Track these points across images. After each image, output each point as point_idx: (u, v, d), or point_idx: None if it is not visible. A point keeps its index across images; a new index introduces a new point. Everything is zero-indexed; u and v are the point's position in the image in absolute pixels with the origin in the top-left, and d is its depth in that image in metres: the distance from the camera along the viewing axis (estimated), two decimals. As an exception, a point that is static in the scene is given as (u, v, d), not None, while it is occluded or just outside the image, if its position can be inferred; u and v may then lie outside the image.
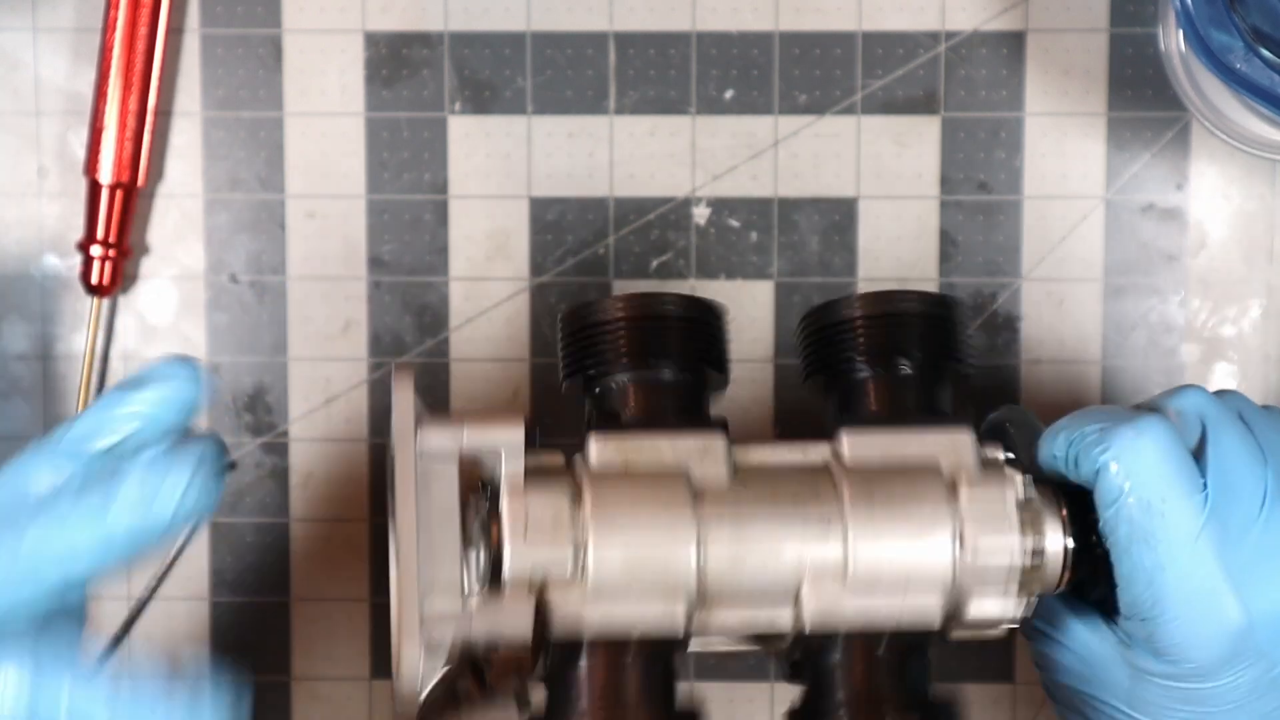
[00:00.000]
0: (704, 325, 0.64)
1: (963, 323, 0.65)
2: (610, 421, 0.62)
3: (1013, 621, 0.61)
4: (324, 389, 0.77)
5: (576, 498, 0.59)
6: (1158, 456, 0.57)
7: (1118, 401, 0.76)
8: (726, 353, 0.65)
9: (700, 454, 0.60)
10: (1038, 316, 0.76)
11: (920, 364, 0.64)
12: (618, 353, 0.63)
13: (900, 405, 0.63)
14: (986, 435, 0.65)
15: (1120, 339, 0.76)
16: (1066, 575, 0.61)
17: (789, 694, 0.77)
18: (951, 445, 0.61)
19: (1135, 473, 0.57)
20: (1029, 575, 0.60)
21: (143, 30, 0.75)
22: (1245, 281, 0.76)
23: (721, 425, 0.62)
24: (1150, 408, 0.61)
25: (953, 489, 0.60)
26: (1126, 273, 0.76)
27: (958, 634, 0.61)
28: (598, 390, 0.64)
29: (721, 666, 0.77)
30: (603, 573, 0.58)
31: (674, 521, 0.58)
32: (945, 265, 0.76)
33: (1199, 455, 0.58)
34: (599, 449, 0.60)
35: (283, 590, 0.78)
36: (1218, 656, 0.57)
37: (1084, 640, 0.61)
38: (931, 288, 0.76)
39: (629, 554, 0.58)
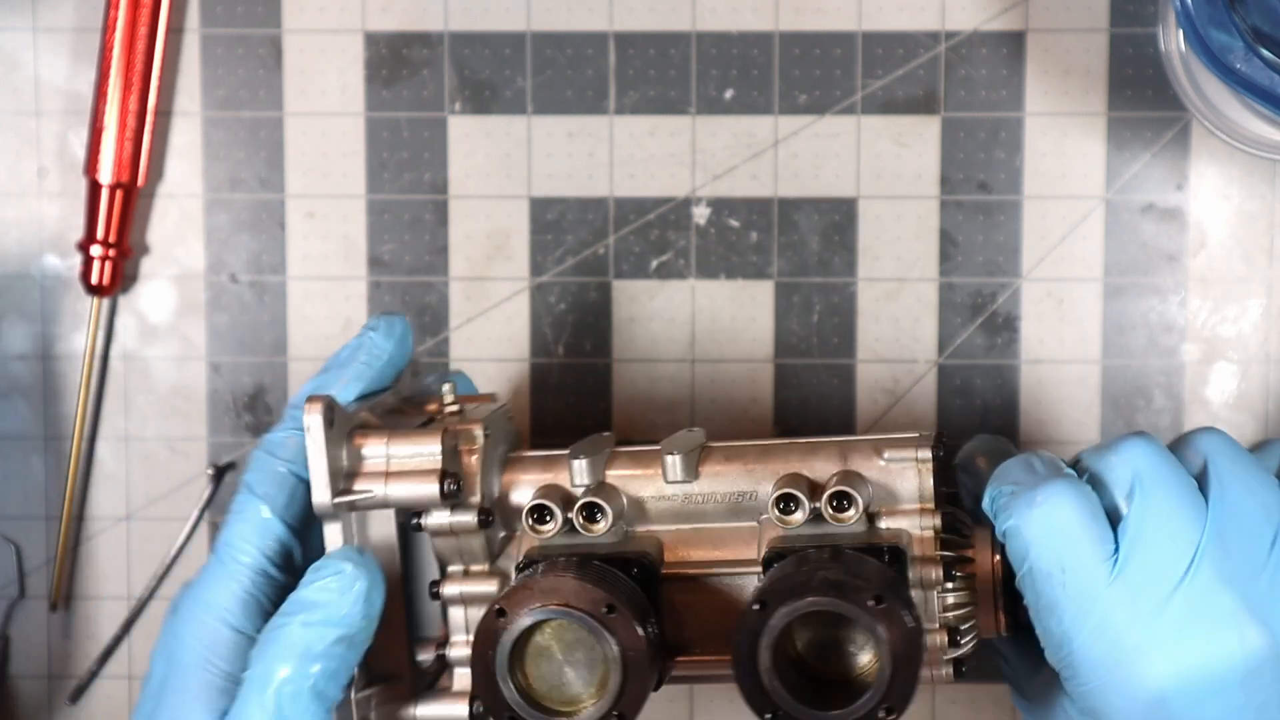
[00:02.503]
0: None
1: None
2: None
3: (952, 661, 0.60)
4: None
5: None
6: (1056, 526, 0.56)
7: (1117, 401, 0.76)
8: None
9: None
10: (1038, 316, 0.76)
11: None
12: None
13: None
14: (959, 468, 0.65)
15: (1120, 339, 0.76)
16: (1002, 619, 0.61)
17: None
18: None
19: (1034, 541, 0.56)
20: (965, 614, 0.60)
21: (143, 30, 0.75)
22: (1245, 281, 0.76)
23: None
24: (1081, 463, 0.59)
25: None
26: (1126, 273, 0.76)
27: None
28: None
29: (721, 666, 0.77)
30: None
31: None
32: (945, 265, 0.76)
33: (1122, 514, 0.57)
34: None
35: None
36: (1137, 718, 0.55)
37: (1036, 679, 0.62)
38: (932, 288, 0.76)
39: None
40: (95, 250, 0.75)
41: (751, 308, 0.76)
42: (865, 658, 0.58)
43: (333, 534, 0.59)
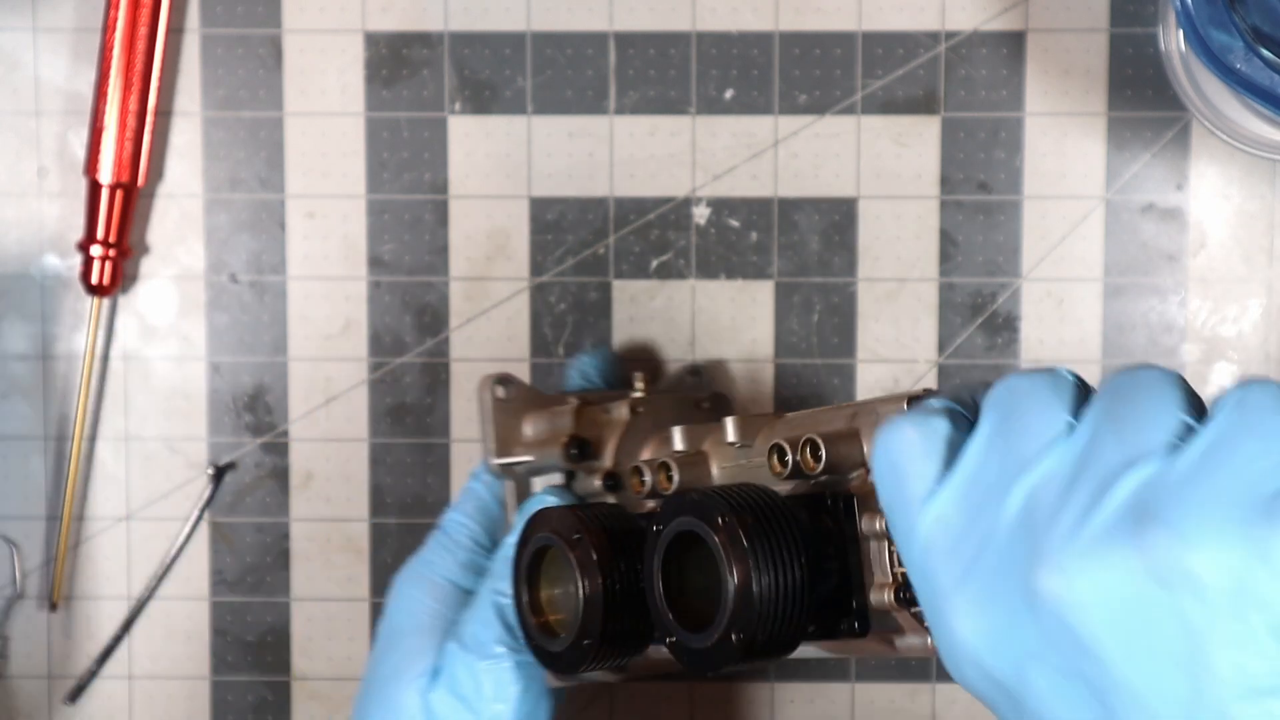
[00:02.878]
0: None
1: None
2: None
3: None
4: (324, 389, 0.77)
5: None
6: (890, 460, 0.51)
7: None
8: None
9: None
10: (1038, 316, 0.76)
11: None
12: None
13: None
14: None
15: (1120, 339, 0.76)
16: None
17: (789, 694, 0.78)
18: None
19: (878, 478, 0.51)
20: None
21: (143, 30, 0.75)
22: (1245, 281, 0.76)
23: None
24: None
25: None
26: (1126, 273, 0.76)
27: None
28: None
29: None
30: None
31: None
32: (945, 265, 0.76)
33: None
34: None
35: (283, 590, 0.78)
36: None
37: None
38: (932, 288, 0.76)
39: None
40: (95, 250, 0.75)
41: (751, 308, 0.76)
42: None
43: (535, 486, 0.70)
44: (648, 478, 0.64)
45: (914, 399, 0.59)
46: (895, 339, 0.76)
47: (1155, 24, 0.75)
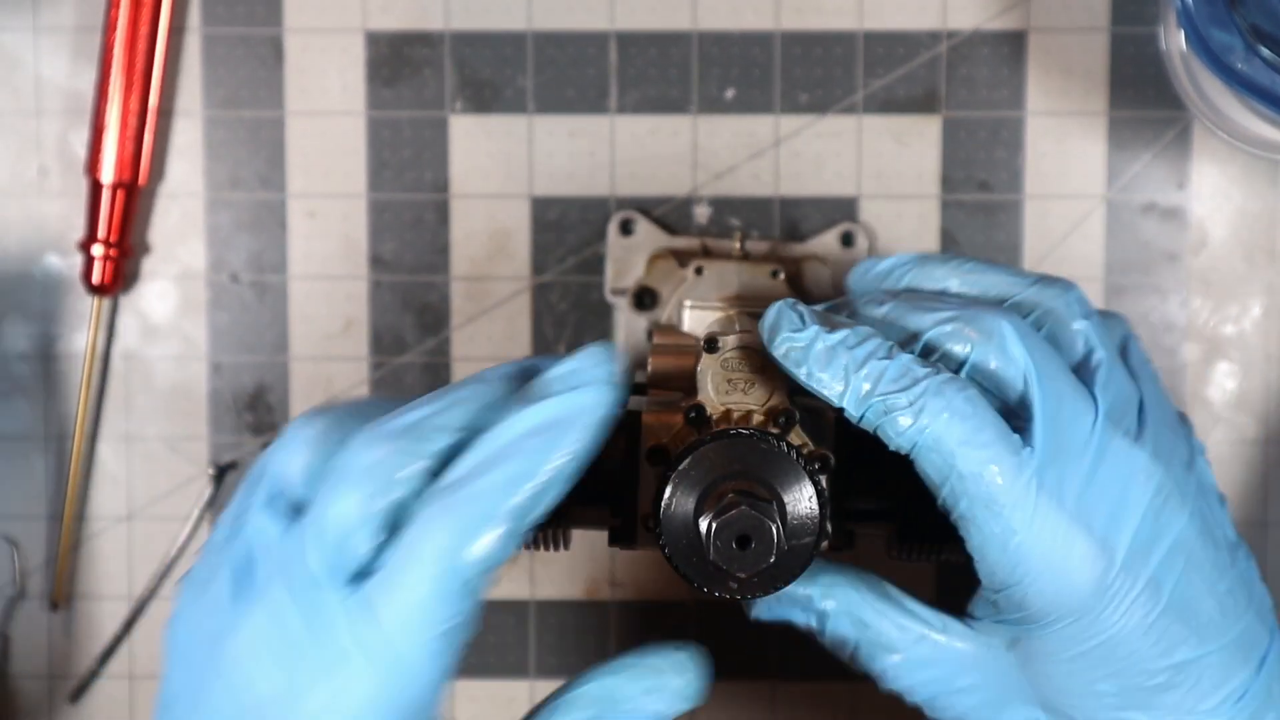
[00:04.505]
0: None
1: None
2: None
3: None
4: (325, 388, 0.77)
5: None
6: (972, 426, 0.55)
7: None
8: None
9: None
10: (1039, 316, 0.76)
11: None
12: None
13: None
14: None
15: (1121, 338, 0.76)
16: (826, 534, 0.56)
17: (789, 693, 0.78)
18: None
19: (959, 443, 0.55)
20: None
21: (144, 30, 0.75)
22: (1246, 281, 0.76)
23: None
24: (931, 343, 0.57)
25: None
26: (1127, 272, 0.76)
27: None
28: None
29: (721, 666, 0.77)
30: None
31: None
32: (946, 265, 0.76)
33: (1017, 400, 0.56)
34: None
35: (284, 589, 0.78)
36: (1090, 594, 0.55)
37: (945, 648, 0.59)
38: (932, 287, 0.76)
39: None
40: (96, 250, 0.75)
41: (752, 307, 0.76)
42: None
43: None
44: None
45: None
46: (896, 338, 0.76)
47: (1156, 24, 0.75)
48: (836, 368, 0.56)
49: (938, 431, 0.55)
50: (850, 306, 0.60)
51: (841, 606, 0.61)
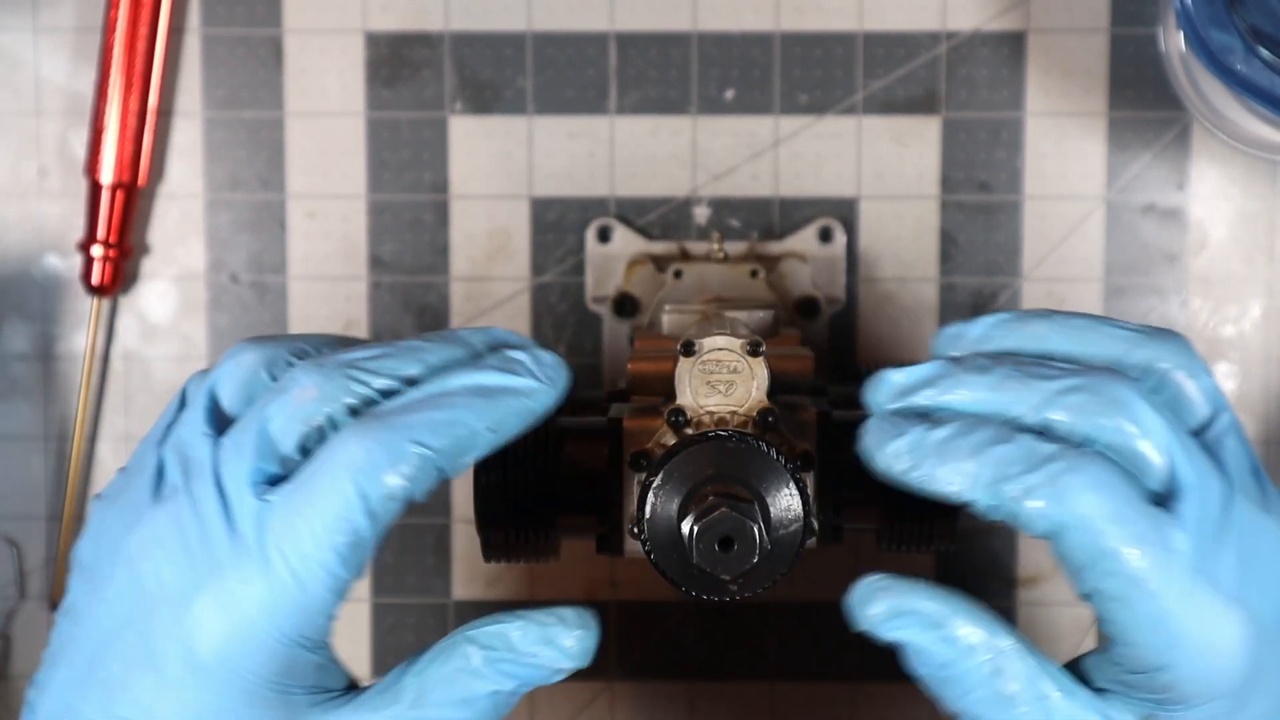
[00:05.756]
0: None
1: None
2: None
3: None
4: (325, 389, 0.77)
5: None
6: (1120, 501, 0.52)
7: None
8: None
9: None
10: (1038, 316, 0.76)
11: None
12: None
13: None
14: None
15: (1121, 339, 0.76)
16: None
17: (790, 693, 0.78)
18: None
19: (1109, 521, 0.51)
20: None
21: (143, 30, 0.75)
22: (1246, 281, 0.76)
23: None
24: (1056, 428, 0.53)
25: None
26: (1127, 273, 0.76)
27: None
28: None
29: (722, 666, 0.77)
30: None
31: None
32: (945, 265, 0.76)
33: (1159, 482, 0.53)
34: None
35: (283, 590, 0.78)
36: (1243, 675, 0.53)
37: (1066, 716, 0.54)
38: (932, 287, 0.76)
39: None
40: (96, 250, 0.75)
41: (752, 308, 0.76)
42: None
43: None
44: None
45: None
46: (895, 339, 0.76)
47: (1155, 24, 0.75)
48: (955, 463, 0.52)
49: (1082, 510, 0.52)
50: (943, 375, 0.55)
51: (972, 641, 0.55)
